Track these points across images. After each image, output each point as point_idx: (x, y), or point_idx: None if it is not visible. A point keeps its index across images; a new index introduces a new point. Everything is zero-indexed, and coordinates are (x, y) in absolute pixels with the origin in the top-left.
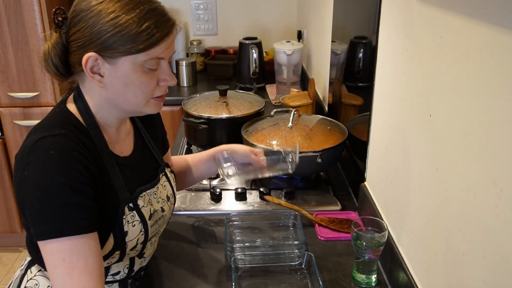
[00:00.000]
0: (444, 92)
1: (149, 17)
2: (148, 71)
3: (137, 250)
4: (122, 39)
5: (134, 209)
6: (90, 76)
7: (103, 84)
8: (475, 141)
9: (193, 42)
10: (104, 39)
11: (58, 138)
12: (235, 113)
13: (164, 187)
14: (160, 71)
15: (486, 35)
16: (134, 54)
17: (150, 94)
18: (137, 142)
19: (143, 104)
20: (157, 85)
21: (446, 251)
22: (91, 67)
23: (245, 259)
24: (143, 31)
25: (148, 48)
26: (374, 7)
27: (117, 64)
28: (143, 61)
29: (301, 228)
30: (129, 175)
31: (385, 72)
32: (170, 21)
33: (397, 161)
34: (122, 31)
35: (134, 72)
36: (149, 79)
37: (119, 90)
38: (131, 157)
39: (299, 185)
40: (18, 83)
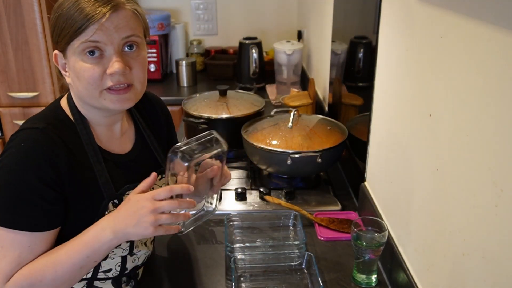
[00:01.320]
0: (444, 92)
1: (81, 2)
2: (90, 60)
3: (123, 248)
4: (59, 28)
5: None
6: (64, 74)
7: (69, 81)
8: (475, 141)
9: (193, 42)
10: (52, 34)
11: (34, 132)
12: (235, 113)
13: None
14: (105, 59)
15: (486, 35)
16: (70, 42)
17: (98, 85)
18: (137, 142)
19: (97, 97)
20: (106, 74)
21: (446, 251)
22: (62, 66)
23: (245, 259)
24: (71, 16)
25: (78, 31)
26: (374, 7)
27: (67, 57)
28: (77, 47)
29: (301, 228)
30: (119, 172)
31: (385, 72)
32: (104, 1)
33: (397, 161)
34: (58, 21)
35: (77, 62)
36: (92, 67)
37: (76, 85)
38: (126, 156)
39: (299, 185)
40: (18, 83)
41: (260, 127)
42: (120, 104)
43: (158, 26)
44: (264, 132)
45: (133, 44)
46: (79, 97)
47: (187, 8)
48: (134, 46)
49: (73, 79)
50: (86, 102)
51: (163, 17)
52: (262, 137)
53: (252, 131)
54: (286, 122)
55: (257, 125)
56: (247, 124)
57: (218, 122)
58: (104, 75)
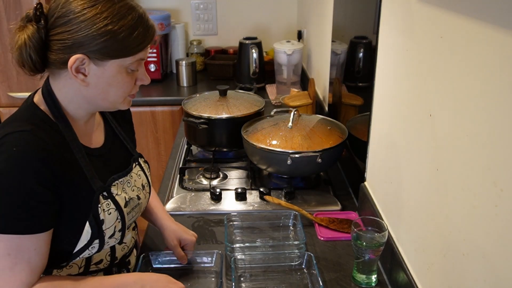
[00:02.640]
0: (444, 92)
1: (138, 24)
2: (130, 72)
3: (116, 238)
4: (114, 45)
5: (109, 197)
6: (73, 75)
7: (86, 83)
8: (475, 141)
9: (193, 42)
10: (96, 44)
11: (23, 134)
12: (235, 113)
13: (138, 176)
14: (139, 71)
15: (486, 35)
16: (123, 57)
17: (129, 93)
18: (108, 134)
19: (120, 102)
20: (134, 84)
21: (446, 251)
22: (76, 67)
23: (245, 259)
24: (135, 38)
25: (137, 52)
26: (374, 7)
27: (104, 66)
28: (129, 63)
29: (301, 228)
30: (100, 165)
31: (385, 72)
32: (154, 27)
33: (397, 161)
34: (116, 37)
35: (119, 74)
36: (131, 79)
37: (102, 89)
38: (102, 148)
39: (299, 185)
40: (18, 83)
41: (260, 127)
42: (129, 105)
43: (158, 26)
44: (264, 132)
45: None
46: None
47: (187, 8)
48: None
49: (100, 85)
50: (97, 103)
51: (163, 17)
52: (262, 137)
53: (252, 131)
54: (286, 122)
55: (257, 125)
56: (247, 124)
57: (218, 122)
58: (134, 85)
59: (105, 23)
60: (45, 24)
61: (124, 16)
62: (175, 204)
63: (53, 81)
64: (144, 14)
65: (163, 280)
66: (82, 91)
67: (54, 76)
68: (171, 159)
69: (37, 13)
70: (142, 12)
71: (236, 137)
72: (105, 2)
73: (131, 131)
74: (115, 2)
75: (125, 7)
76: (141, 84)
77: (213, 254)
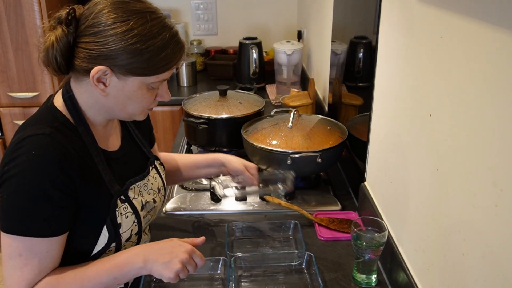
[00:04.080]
0: (444, 92)
1: (168, 45)
2: (151, 89)
3: (133, 241)
4: (140, 63)
5: (126, 201)
6: (94, 84)
7: (106, 93)
8: (475, 141)
9: (193, 42)
10: (122, 59)
11: (42, 138)
12: (235, 113)
13: (155, 179)
14: (160, 88)
15: (486, 35)
16: (146, 76)
17: (147, 107)
18: (125, 137)
19: (137, 114)
20: (154, 100)
21: (446, 251)
22: (97, 77)
23: (245, 259)
24: (161, 59)
25: (161, 72)
26: (374, 7)
27: (126, 81)
28: (152, 82)
29: (300, 232)
30: (117, 168)
31: (385, 72)
32: (183, 49)
33: (397, 161)
34: (142, 56)
35: (140, 90)
36: (151, 95)
37: (120, 101)
38: (119, 152)
39: (299, 185)
40: (18, 83)
41: (260, 127)
42: (146, 116)
43: None
44: (264, 132)
45: None
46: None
47: (187, 8)
48: None
49: (119, 97)
50: (114, 113)
51: None
52: (262, 137)
53: (252, 131)
54: (286, 122)
55: (257, 125)
56: (247, 124)
57: (218, 122)
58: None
59: (134, 40)
60: (74, 30)
61: (155, 36)
62: (175, 204)
63: (75, 85)
64: (176, 34)
65: (167, 246)
66: (101, 100)
67: (76, 81)
68: None
69: (68, 17)
70: (174, 32)
71: (236, 137)
72: (137, 19)
73: (148, 128)
74: (148, 20)
75: (157, 26)
76: (162, 100)
77: (218, 260)
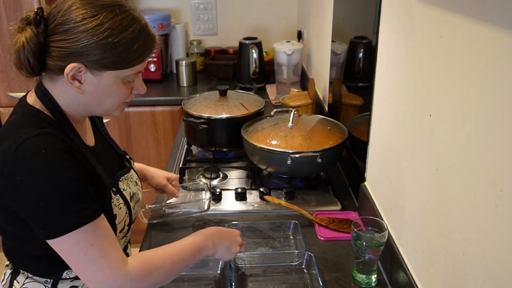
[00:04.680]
0: (444, 92)
1: (139, 37)
2: (127, 82)
3: (125, 232)
4: (113, 57)
5: (118, 193)
6: (69, 82)
7: (82, 90)
8: (475, 141)
9: (193, 42)
10: (95, 55)
11: (43, 136)
12: (235, 113)
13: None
14: (135, 81)
15: (486, 35)
16: (120, 69)
17: (123, 101)
18: (96, 133)
19: (114, 109)
20: (130, 93)
21: (446, 251)
22: (72, 75)
23: (245, 259)
24: (134, 51)
25: (135, 64)
26: (374, 7)
27: (101, 76)
28: (127, 75)
29: (300, 232)
30: (103, 162)
31: (385, 72)
32: (155, 39)
33: (397, 161)
34: (115, 50)
35: (116, 84)
36: (127, 89)
37: (97, 97)
38: (97, 146)
39: (299, 185)
40: (18, 83)
41: (260, 127)
42: (122, 112)
43: (158, 26)
44: (264, 132)
45: None
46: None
47: (187, 8)
48: None
49: (95, 93)
50: (92, 109)
51: (163, 17)
52: (262, 137)
53: (252, 131)
54: (286, 122)
55: (257, 125)
56: (247, 124)
57: (218, 122)
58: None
59: (106, 35)
60: (44, 29)
61: (125, 28)
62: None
63: (50, 86)
64: (146, 26)
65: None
66: (78, 97)
67: (51, 81)
68: (171, 159)
69: (37, 17)
70: (144, 24)
71: (236, 137)
72: (107, 13)
73: None
74: (117, 13)
75: (127, 19)
76: (137, 93)
77: (219, 261)
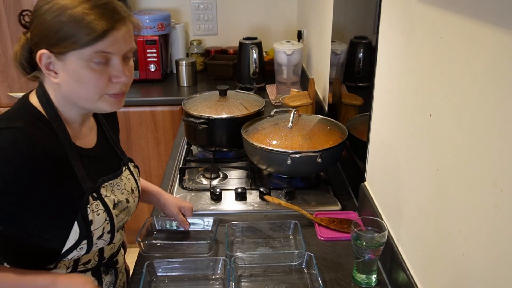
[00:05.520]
0: (444, 92)
1: (93, 12)
2: (97, 68)
3: (105, 239)
4: (65, 34)
5: (98, 199)
6: (47, 73)
7: (58, 81)
8: (475, 141)
9: (193, 42)
10: (51, 36)
11: (14, 131)
12: (235, 113)
13: (128, 180)
14: (111, 68)
15: (486, 35)
16: (79, 49)
17: (103, 91)
18: (100, 137)
19: (95, 100)
20: (110, 82)
21: (446, 251)
22: (46, 65)
23: (245, 259)
24: (85, 25)
25: (91, 42)
26: (374, 7)
27: (65, 60)
28: (88, 55)
29: (300, 232)
30: (91, 166)
31: (385, 72)
32: (117, 15)
33: (397, 161)
34: (65, 26)
35: (83, 68)
36: (99, 75)
37: (72, 87)
38: (94, 150)
39: (299, 185)
40: (18, 83)
41: (260, 127)
42: (115, 106)
43: (158, 26)
44: (264, 132)
45: (130, 55)
46: (69, 97)
47: (187, 8)
48: (130, 56)
49: (68, 81)
50: (76, 102)
51: (163, 17)
52: (262, 137)
53: (252, 131)
54: (286, 122)
55: (257, 125)
56: (247, 124)
57: (218, 122)
58: (109, 82)
59: (56, 14)
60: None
61: (75, 6)
62: None
63: (44, 83)
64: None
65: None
66: (61, 91)
67: (43, 77)
68: (171, 159)
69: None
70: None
71: (236, 137)
72: None
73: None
74: None
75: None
76: (118, 82)
77: (218, 260)
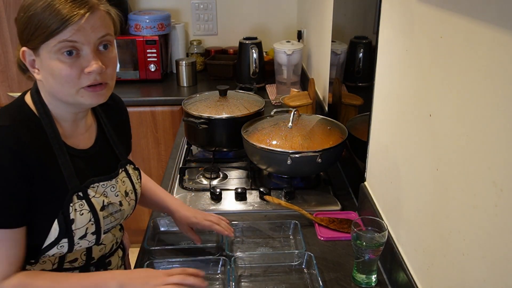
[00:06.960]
0: (444, 92)
1: (57, 2)
2: (68, 60)
3: (89, 240)
4: (33, 27)
5: (84, 198)
6: (32, 70)
7: (40, 77)
8: (475, 141)
9: (193, 42)
10: (24, 32)
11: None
12: (235, 113)
13: (123, 183)
14: (82, 58)
15: (486, 35)
16: (46, 41)
17: (75, 83)
18: (99, 138)
19: (73, 94)
20: (83, 73)
21: (446, 251)
22: (30, 62)
23: (245, 259)
24: (47, 16)
25: (54, 32)
26: (374, 7)
27: (40, 55)
28: (55, 46)
29: (300, 232)
30: (82, 166)
31: (385, 72)
32: (83, 3)
33: (397, 161)
34: (32, 20)
35: (53, 61)
36: (68, 67)
37: (50, 82)
38: (89, 150)
39: (299, 185)
40: (18, 83)
41: (260, 127)
42: (95, 100)
43: (158, 26)
44: (264, 132)
45: (107, 44)
46: (51, 93)
47: (187, 8)
48: (108, 46)
49: (46, 77)
50: (59, 98)
51: (163, 17)
52: (262, 137)
53: (252, 131)
54: (286, 122)
55: (257, 125)
56: (247, 124)
57: (218, 122)
58: (81, 74)
59: (25, 10)
60: None
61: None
62: None
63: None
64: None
65: (142, 277)
66: (44, 87)
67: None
68: (171, 159)
69: None
70: None
71: (236, 137)
72: None
73: (127, 133)
74: None
75: None
76: (90, 71)
77: (218, 260)
